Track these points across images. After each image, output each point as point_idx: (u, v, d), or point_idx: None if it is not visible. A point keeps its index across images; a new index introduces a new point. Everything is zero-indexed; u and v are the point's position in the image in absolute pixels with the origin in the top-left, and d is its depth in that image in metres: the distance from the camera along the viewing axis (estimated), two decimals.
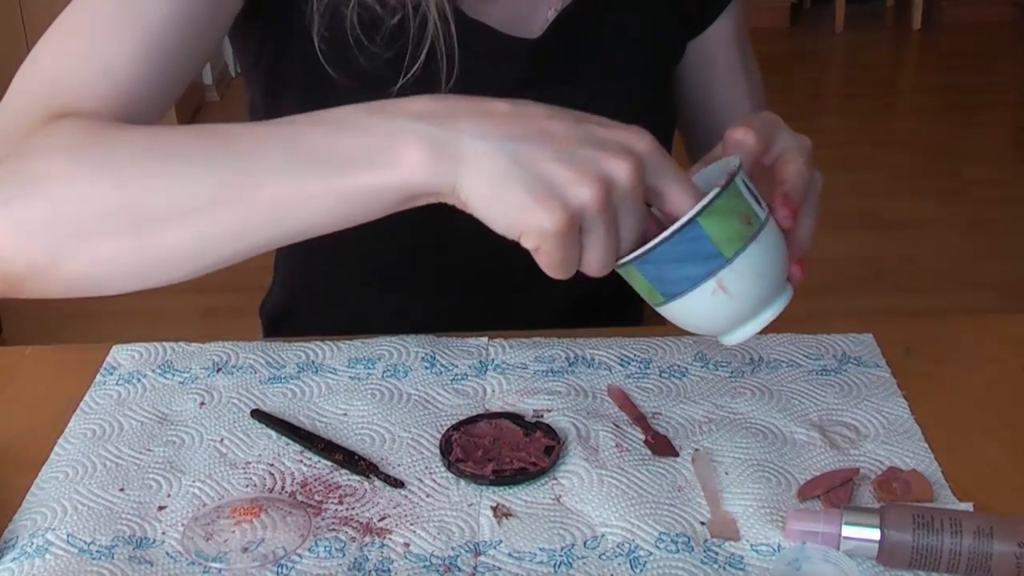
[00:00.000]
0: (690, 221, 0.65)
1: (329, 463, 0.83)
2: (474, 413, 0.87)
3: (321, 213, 0.65)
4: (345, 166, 0.63)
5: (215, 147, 0.66)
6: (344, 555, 0.74)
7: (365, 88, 0.90)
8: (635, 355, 0.95)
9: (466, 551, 0.75)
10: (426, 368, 0.94)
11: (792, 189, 0.72)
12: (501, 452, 0.82)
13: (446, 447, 0.83)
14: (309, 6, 0.90)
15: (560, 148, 0.63)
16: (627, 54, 1.01)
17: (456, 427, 0.85)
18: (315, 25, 0.91)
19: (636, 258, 0.67)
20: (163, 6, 0.79)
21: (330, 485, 0.81)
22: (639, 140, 0.65)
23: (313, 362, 0.95)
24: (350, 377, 0.93)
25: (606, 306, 1.08)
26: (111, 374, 0.95)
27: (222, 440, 0.86)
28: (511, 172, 0.62)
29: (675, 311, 0.70)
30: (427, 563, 0.74)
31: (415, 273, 1.05)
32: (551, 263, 0.64)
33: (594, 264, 0.65)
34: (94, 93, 0.77)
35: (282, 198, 0.64)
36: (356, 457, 0.83)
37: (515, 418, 0.86)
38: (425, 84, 0.91)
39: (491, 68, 0.95)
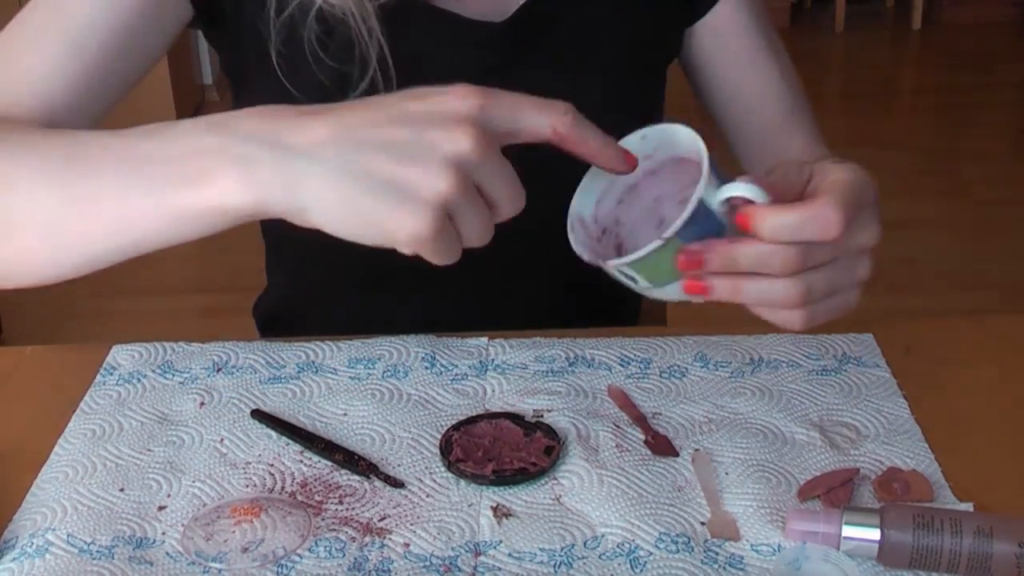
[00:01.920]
0: (699, 202, 0.65)
1: (329, 463, 0.83)
2: (474, 413, 0.87)
3: (155, 230, 0.66)
4: (168, 185, 0.64)
5: (67, 163, 0.69)
6: (344, 555, 0.74)
7: (320, 102, 0.91)
8: (635, 355, 0.95)
9: (466, 551, 0.75)
10: (426, 368, 0.94)
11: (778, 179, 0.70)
12: (501, 452, 0.82)
13: (446, 447, 0.83)
14: (265, 21, 0.91)
15: (393, 144, 0.61)
16: (603, 42, 0.99)
17: (456, 427, 0.85)
18: (272, 40, 0.92)
19: (672, 238, 0.66)
20: (93, 16, 0.84)
21: (330, 485, 0.81)
22: (464, 101, 0.63)
23: (313, 362, 0.95)
24: (350, 377, 0.93)
25: (605, 301, 1.08)
26: (111, 374, 0.95)
27: (222, 440, 0.86)
28: (356, 188, 0.61)
29: None
30: (427, 563, 0.74)
31: (407, 273, 1.05)
32: (435, 258, 0.64)
33: (475, 238, 0.64)
34: (18, 100, 0.83)
35: (118, 215, 0.66)
36: (356, 457, 0.83)
37: (515, 418, 0.86)
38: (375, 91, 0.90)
39: (456, 55, 0.95)
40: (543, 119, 0.65)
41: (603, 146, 0.68)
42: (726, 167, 0.70)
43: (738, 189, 0.67)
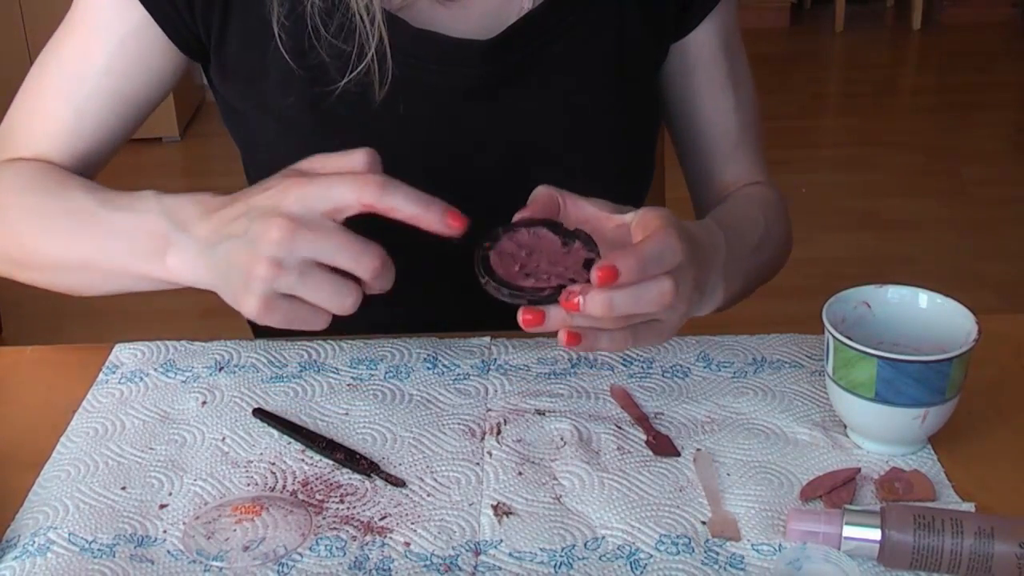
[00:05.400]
0: None
1: (330, 462, 0.83)
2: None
3: (130, 285, 0.90)
4: (132, 258, 0.85)
5: (73, 227, 0.90)
6: (345, 554, 0.75)
7: (315, 82, 0.93)
8: (638, 355, 0.95)
9: (467, 550, 0.75)
10: (428, 369, 0.94)
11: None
12: (539, 265, 0.77)
13: (483, 265, 0.77)
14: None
15: (238, 238, 0.75)
16: (590, 59, 0.99)
17: (493, 240, 0.78)
18: (275, 12, 0.92)
19: None
20: (89, 83, 0.98)
21: (331, 484, 0.81)
22: (282, 195, 0.74)
23: (315, 361, 0.95)
24: (352, 378, 0.93)
25: None
26: (113, 373, 0.95)
27: (224, 439, 0.86)
28: (223, 276, 0.77)
29: None
30: (428, 562, 0.74)
31: (408, 274, 1.04)
32: (289, 326, 0.76)
33: (328, 305, 0.75)
34: (37, 147, 1.00)
35: (105, 272, 0.89)
36: (357, 456, 0.83)
37: (553, 226, 0.79)
38: (369, 85, 0.92)
39: (441, 75, 0.95)
40: (349, 195, 0.73)
41: (420, 210, 0.74)
42: None
43: None
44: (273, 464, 0.83)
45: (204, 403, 0.91)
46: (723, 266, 0.88)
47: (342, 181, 0.74)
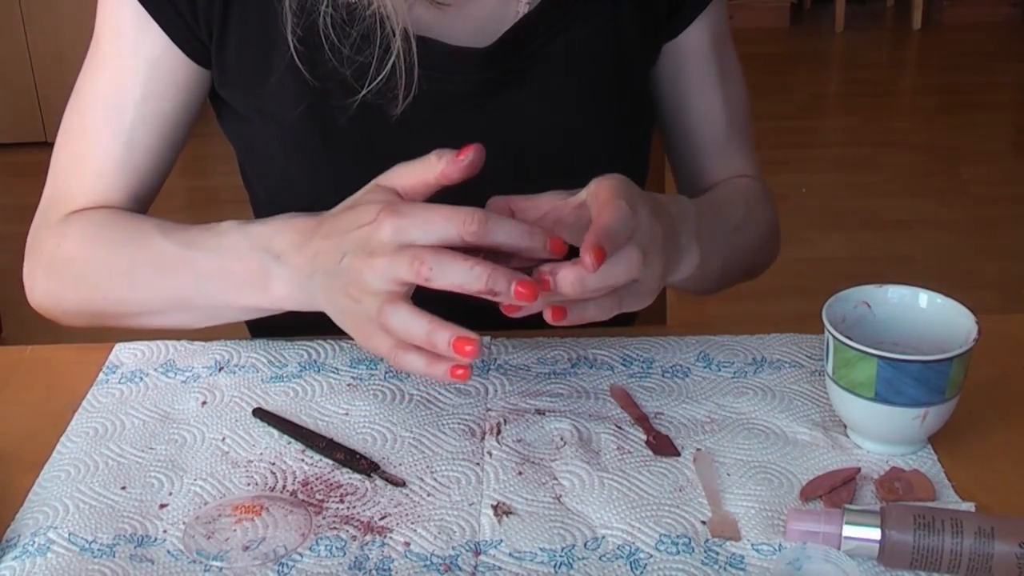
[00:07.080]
0: None
1: (330, 462, 0.83)
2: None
3: (235, 316, 0.92)
4: (235, 291, 0.87)
5: (161, 273, 0.91)
6: (345, 554, 0.75)
7: (328, 94, 0.92)
8: (637, 355, 0.95)
9: (467, 550, 0.75)
10: None
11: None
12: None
13: None
14: (283, 5, 0.92)
15: (341, 275, 0.77)
16: (588, 60, 0.99)
17: None
18: (288, 23, 0.92)
19: None
20: (130, 112, 0.97)
21: (331, 484, 0.81)
22: (379, 229, 0.74)
23: (315, 361, 0.95)
24: (352, 377, 0.93)
25: None
26: (113, 372, 0.95)
27: (224, 439, 0.86)
28: (332, 310, 0.80)
29: None
30: (427, 562, 0.74)
31: None
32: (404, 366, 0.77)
33: (448, 285, 0.73)
34: (92, 190, 0.99)
35: (205, 308, 0.91)
36: (357, 456, 0.83)
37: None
38: (386, 95, 0.92)
39: (440, 81, 0.95)
40: (451, 231, 0.73)
41: (524, 241, 0.74)
42: None
43: None
44: (273, 464, 0.83)
45: (204, 403, 0.91)
46: (697, 231, 0.88)
47: (444, 217, 0.74)
